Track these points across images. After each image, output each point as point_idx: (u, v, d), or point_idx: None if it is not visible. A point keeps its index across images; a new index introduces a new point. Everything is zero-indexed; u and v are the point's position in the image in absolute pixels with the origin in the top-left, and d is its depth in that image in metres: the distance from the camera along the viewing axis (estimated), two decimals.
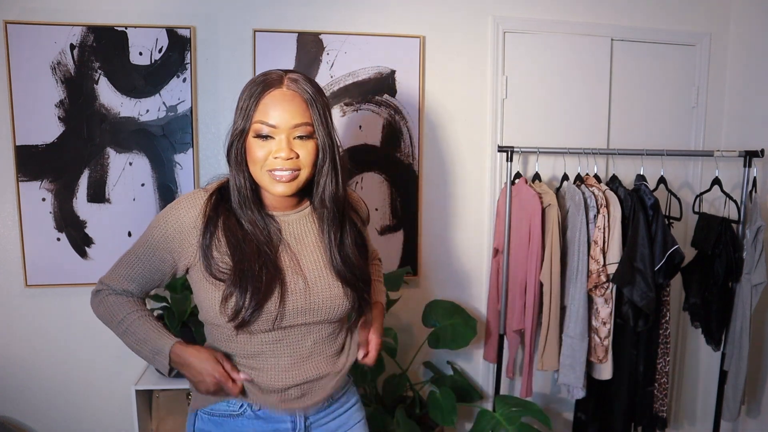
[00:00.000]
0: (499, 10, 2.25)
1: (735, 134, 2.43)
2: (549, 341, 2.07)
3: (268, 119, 1.04)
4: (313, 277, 1.13)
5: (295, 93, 1.06)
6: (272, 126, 1.04)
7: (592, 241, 2.02)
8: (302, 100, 1.06)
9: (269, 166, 1.06)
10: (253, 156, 1.06)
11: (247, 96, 1.08)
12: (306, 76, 1.10)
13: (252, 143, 1.06)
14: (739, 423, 2.42)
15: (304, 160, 1.07)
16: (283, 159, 1.04)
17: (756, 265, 2.07)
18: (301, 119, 1.05)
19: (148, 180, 2.11)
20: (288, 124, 1.04)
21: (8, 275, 2.11)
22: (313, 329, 1.16)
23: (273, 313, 1.08)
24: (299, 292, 1.11)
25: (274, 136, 1.05)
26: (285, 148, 1.04)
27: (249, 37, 2.11)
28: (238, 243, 1.09)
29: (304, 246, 1.15)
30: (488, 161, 2.31)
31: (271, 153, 1.05)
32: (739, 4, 2.40)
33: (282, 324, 1.11)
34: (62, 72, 2.01)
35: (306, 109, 1.06)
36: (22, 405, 2.18)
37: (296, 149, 1.06)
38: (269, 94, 1.05)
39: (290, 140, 1.05)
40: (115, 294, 1.19)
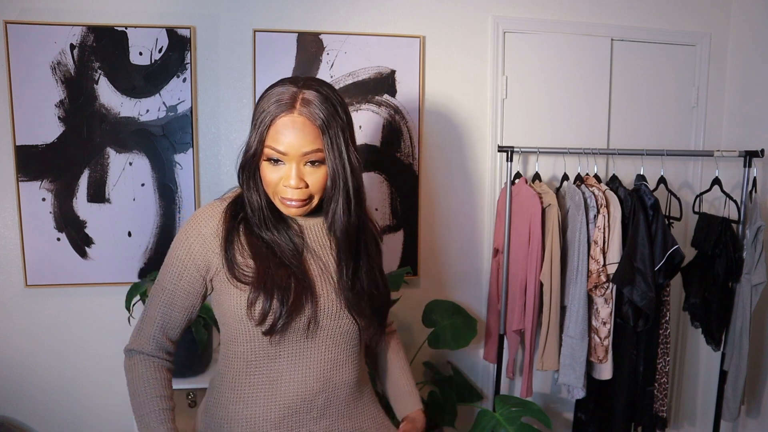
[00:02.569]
0: (499, 10, 2.25)
1: (735, 134, 2.43)
2: (549, 341, 2.07)
3: (278, 146, 1.01)
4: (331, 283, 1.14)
5: (306, 120, 1.01)
6: (282, 153, 1.02)
7: (592, 241, 2.02)
8: (314, 127, 1.01)
9: (280, 193, 1.05)
10: (265, 179, 1.05)
11: (260, 113, 1.03)
12: (323, 92, 1.03)
13: (264, 166, 1.05)
14: (739, 423, 2.42)
15: (314, 188, 1.05)
16: (292, 188, 1.03)
17: (756, 265, 2.07)
18: (310, 147, 1.01)
19: (148, 180, 2.11)
20: (297, 152, 1.01)
21: (8, 275, 2.11)
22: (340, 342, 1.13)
23: (305, 318, 1.06)
24: (329, 289, 1.11)
25: (285, 162, 1.03)
26: (294, 177, 1.02)
27: (249, 37, 2.11)
28: (260, 248, 1.08)
29: (322, 246, 1.14)
30: (488, 161, 2.31)
31: (282, 180, 1.04)
32: (739, 4, 2.40)
33: (316, 332, 1.09)
34: (62, 72, 2.01)
35: (317, 136, 1.01)
36: (22, 405, 2.18)
37: (306, 177, 1.04)
38: (280, 119, 1.01)
39: (300, 167, 1.03)
40: (147, 359, 1.12)
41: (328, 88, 1.06)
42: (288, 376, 1.09)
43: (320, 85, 1.05)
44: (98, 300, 2.15)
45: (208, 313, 2.05)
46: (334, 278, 1.11)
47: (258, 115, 1.04)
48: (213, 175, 2.17)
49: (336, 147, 1.03)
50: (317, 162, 1.03)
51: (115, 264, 2.13)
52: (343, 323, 1.11)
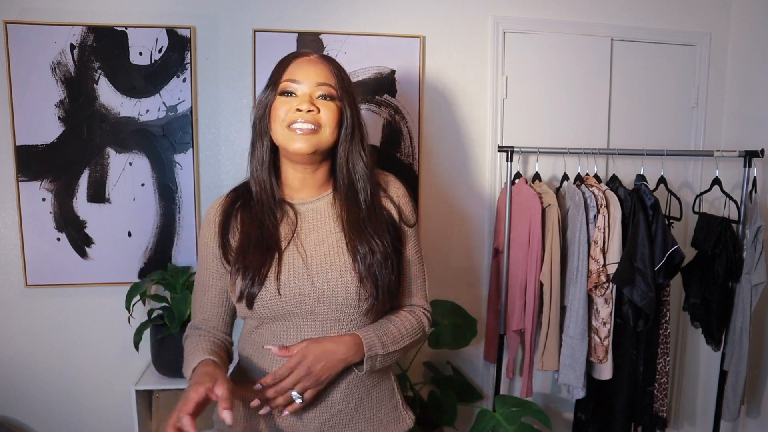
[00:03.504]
0: (499, 10, 2.25)
1: (735, 134, 2.43)
2: (549, 341, 2.06)
3: (293, 76, 1.08)
4: (321, 262, 1.08)
5: (321, 60, 1.11)
6: (295, 82, 1.08)
7: (592, 241, 2.02)
8: (328, 67, 1.10)
9: (289, 119, 1.07)
10: (275, 114, 1.08)
11: (277, 67, 1.12)
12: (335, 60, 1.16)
13: (276, 103, 1.09)
14: (739, 423, 2.42)
15: (324, 117, 1.08)
16: (303, 111, 1.06)
17: (756, 265, 2.07)
18: (324, 80, 1.08)
19: (148, 180, 2.11)
20: (312, 81, 1.08)
21: (8, 275, 2.11)
22: (324, 323, 1.09)
23: (270, 291, 1.06)
24: (298, 272, 1.07)
25: (297, 93, 1.08)
26: (306, 102, 1.06)
27: (249, 37, 2.11)
28: (247, 229, 1.11)
29: (318, 232, 1.12)
30: (488, 161, 2.31)
31: (293, 107, 1.07)
32: (739, 4, 2.40)
33: (284, 308, 1.07)
34: (62, 72, 2.01)
35: (330, 74, 1.10)
36: (22, 405, 2.18)
37: (318, 105, 1.08)
38: (297, 60, 1.11)
39: (313, 97, 1.08)
40: (198, 332, 1.19)
41: None
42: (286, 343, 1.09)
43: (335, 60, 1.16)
44: (98, 300, 2.15)
45: None
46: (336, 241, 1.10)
47: (273, 72, 1.12)
48: (213, 175, 2.17)
49: (348, 93, 1.11)
50: (328, 97, 1.08)
51: (115, 264, 2.13)
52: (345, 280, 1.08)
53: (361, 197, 1.13)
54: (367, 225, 1.10)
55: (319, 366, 1.03)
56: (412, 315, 1.17)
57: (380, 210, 1.14)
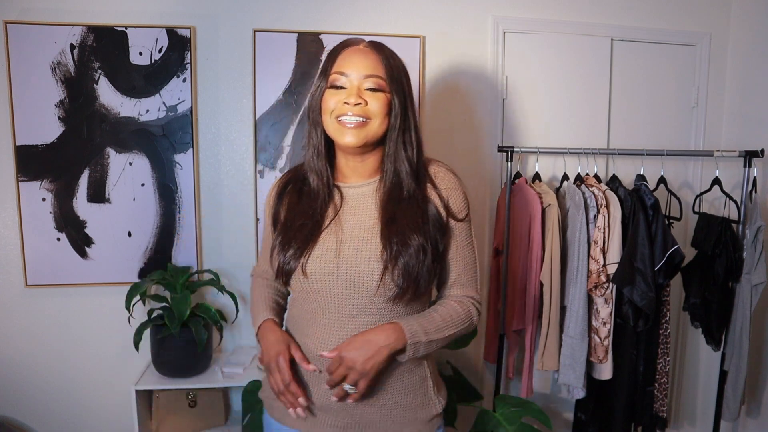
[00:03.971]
0: (499, 10, 2.25)
1: (735, 134, 2.43)
2: (549, 341, 2.06)
3: (341, 68, 1.10)
4: (353, 246, 1.10)
5: (370, 50, 1.11)
6: (344, 74, 1.09)
7: (592, 241, 2.02)
8: (376, 57, 1.10)
9: (338, 112, 1.09)
10: (326, 106, 1.11)
11: (327, 57, 1.14)
12: (387, 46, 1.15)
13: (326, 95, 1.11)
14: (739, 423, 2.42)
15: (373, 110, 1.09)
16: (351, 105, 1.07)
17: (756, 265, 2.07)
18: (372, 71, 1.09)
19: (148, 180, 2.11)
20: (359, 74, 1.09)
21: (8, 275, 2.11)
22: (351, 308, 1.11)
23: (298, 263, 1.11)
24: (328, 254, 1.11)
25: (345, 86, 1.09)
26: (353, 94, 1.08)
27: (249, 37, 2.11)
28: (293, 209, 1.18)
29: (357, 217, 1.14)
30: (488, 161, 2.31)
31: (341, 100, 1.08)
32: (739, 4, 2.39)
33: (311, 286, 1.12)
34: (62, 72, 2.01)
35: (379, 64, 1.10)
36: (22, 405, 2.18)
37: (366, 98, 1.09)
38: (346, 50, 1.12)
39: (361, 89, 1.09)
40: (257, 277, 1.36)
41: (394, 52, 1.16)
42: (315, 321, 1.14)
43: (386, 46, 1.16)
44: (98, 300, 2.15)
45: (207, 313, 2.05)
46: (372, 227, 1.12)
47: (324, 62, 1.15)
48: (213, 175, 2.17)
49: (397, 82, 1.11)
50: (376, 89, 1.09)
51: (115, 264, 2.13)
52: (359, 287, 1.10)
53: (405, 187, 1.13)
54: (405, 215, 1.10)
55: (361, 358, 1.05)
56: (460, 305, 1.17)
57: (424, 202, 1.13)
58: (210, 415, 2.17)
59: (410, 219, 1.10)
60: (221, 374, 2.05)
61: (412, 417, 1.17)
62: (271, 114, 2.14)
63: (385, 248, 1.08)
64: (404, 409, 1.17)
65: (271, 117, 2.14)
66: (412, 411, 1.18)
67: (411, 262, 1.07)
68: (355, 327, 1.12)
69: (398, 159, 1.13)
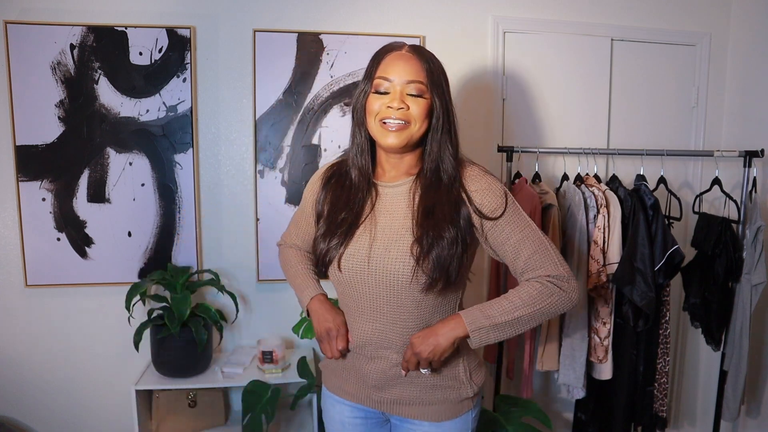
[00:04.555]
0: (499, 10, 2.25)
1: (735, 134, 2.43)
2: (549, 341, 2.06)
3: (385, 73, 1.17)
4: (384, 243, 1.18)
5: (411, 55, 1.18)
6: (387, 80, 1.16)
7: (592, 241, 2.02)
8: (418, 62, 1.17)
9: (381, 115, 1.16)
10: (369, 108, 1.18)
11: (372, 61, 1.21)
12: (427, 49, 1.22)
13: (371, 98, 1.19)
14: (739, 423, 2.42)
15: (414, 114, 1.16)
16: (394, 109, 1.15)
17: (756, 265, 2.07)
18: (414, 77, 1.16)
19: (148, 180, 2.11)
20: (402, 80, 1.16)
21: (8, 275, 2.11)
22: (383, 305, 1.19)
23: (335, 264, 1.21)
24: (361, 250, 1.19)
25: (389, 90, 1.16)
26: (396, 99, 1.15)
27: (249, 37, 2.11)
28: (336, 202, 1.26)
29: (391, 214, 1.21)
30: (488, 161, 2.31)
31: (385, 104, 1.16)
32: (739, 4, 2.40)
33: (344, 281, 1.21)
34: (62, 72, 2.01)
35: (420, 70, 1.16)
36: (22, 405, 2.18)
37: (408, 103, 1.16)
38: (389, 54, 1.19)
39: (403, 94, 1.16)
40: (288, 247, 1.45)
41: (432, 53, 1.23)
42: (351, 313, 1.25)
43: (426, 49, 1.23)
44: (98, 300, 2.15)
45: (207, 313, 2.05)
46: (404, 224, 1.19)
47: (369, 63, 1.22)
48: (213, 175, 2.17)
49: (437, 86, 1.18)
50: (417, 95, 1.16)
51: (115, 264, 2.13)
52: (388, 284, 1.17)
53: (443, 183, 1.19)
54: (441, 209, 1.16)
55: (425, 347, 1.16)
56: (532, 285, 1.18)
57: (458, 201, 1.18)
58: (210, 415, 2.17)
59: (446, 212, 1.16)
60: (221, 374, 2.05)
61: (441, 397, 1.25)
62: (271, 114, 2.14)
63: (419, 240, 1.15)
64: (434, 389, 1.25)
65: (271, 117, 2.14)
66: (442, 391, 1.25)
67: (443, 253, 1.14)
68: (389, 320, 1.20)
69: (438, 158, 1.20)
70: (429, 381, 1.24)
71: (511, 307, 1.16)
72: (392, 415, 1.30)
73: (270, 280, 2.21)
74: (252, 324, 2.27)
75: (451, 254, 1.14)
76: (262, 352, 2.07)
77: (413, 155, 1.23)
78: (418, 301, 1.18)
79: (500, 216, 1.18)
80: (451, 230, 1.15)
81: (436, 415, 1.26)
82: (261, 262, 2.20)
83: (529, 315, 1.16)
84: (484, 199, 1.18)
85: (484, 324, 1.15)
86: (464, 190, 1.19)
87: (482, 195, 1.18)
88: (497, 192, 1.19)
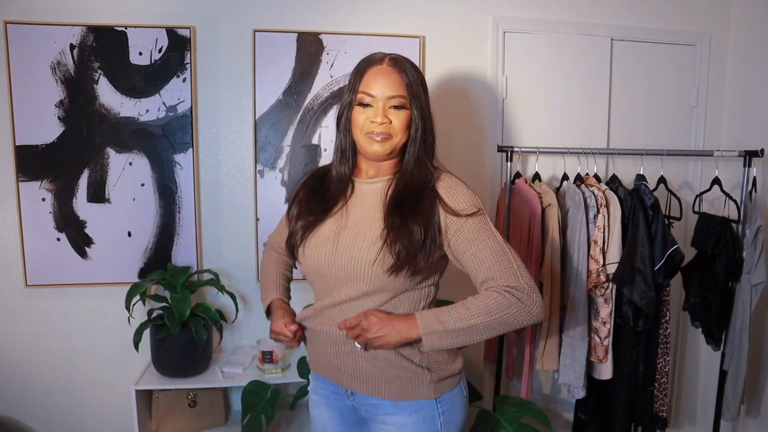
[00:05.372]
0: (499, 10, 2.25)
1: (735, 134, 2.43)
2: (549, 341, 2.06)
3: (368, 89, 1.23)
4: (351, 233, 1.23)
5: (392, 69, 1.24)
6: (371, 95, 1.23)
7: (592, 241, 2.02)
8: (398, 76, 1.23)
9: (366, 129, 1.23)
10: (355, 121, 1.25)
11: (354, 74, 1.27)
12: (406, 58, 1.28)
13: (355, 111, 1.25)
14: (739, 423, 2.42)
15: (396, 126, 1.23)
16: (377, 123, 1.22)
17: (756, 264, 2.07)
18: (395, 92, 1.23)
19: (148, 180, 2.11)
20: (384, 95, 1.22)
21: (8, 275, 2.11)
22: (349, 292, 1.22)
23: (301, 250, 1.28)
24: (327, 238, 1.25)
25: (373, 104, 1.23)
26: (380, 114, 1.22)
27: (249, 37, 2.11)
28: (315, 191, 1.34)
29: (363, 207, 1.27)
30: (488, 161, 2.31)
31: (369, 118, 1.23)
32: (739, 4, 2.40)
33: (310, 267, 1.27)
34: (62, 72, 2.01)
35: (400, 84, 1.23)
36: (22, 405, 2.18)
37: (390, 116, 1.23)
38: (371, 69, 1.25)
39: (386, 109, 1.23)
40: (271, 249, 1.56)
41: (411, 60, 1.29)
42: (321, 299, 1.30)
43: (405, 57, 1.28)
44: (98, 300, 2.15)
45: (207, 313, 2.05)
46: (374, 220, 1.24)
47: (352, 74, 1.28)
48: (213, 175, 2.17)
49: (416, 97, 1.24)
50: (399, 107, 1.23)
51: (115, 264, 2.13)
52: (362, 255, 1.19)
53: (415, 185, 1.24)
54: (411, 207, 1.21)
55: (375, 327, 1.18)
56: (488, 293, 1.17)
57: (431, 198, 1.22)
58: (210, 415, 2.17)
59: (415, 211, 1.20)
60: (221, 374, 2.05)
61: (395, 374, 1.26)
62: (271, 114, 2.14)
63: (388, 227, 1.19)
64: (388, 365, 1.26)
65: (271, 117, 2.14)
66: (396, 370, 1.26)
67: (412, 240, 1.18)
68: (357, 309, 1.23)
69: (416, 162, 1.26)
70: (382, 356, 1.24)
71: (467, 314, 1.15)
72: (358, 402, 1.32)
73: None
74: (252, 324, 2.27)
75: (419, 243, 1.18)
76: (262, 352, 2.07)
77: (393, 161, 1.30)
78: (382, 288, 1.21)
79: (467, 216, 1.19)
80: (419, 226, 1.18)
81: (391, 392, 1.27)
82: (261, 262, 2.19)
83: (484, 324, 1.15)
84: (455, 200, 1.21)
85: (437, 329, 1.15)
86: (437, 191, 1.23)
87: (454, 197, 1.21)
88: (468, 198, 1.22)
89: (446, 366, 1.29)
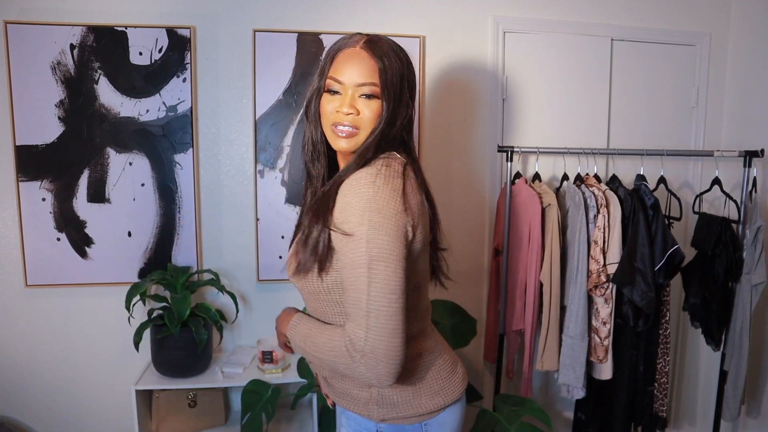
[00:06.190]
0: (499, 10, 2.25)
1: (735, 134, 2.43)
2: (549, 341, 2.06)
3: (337, 74, 1.08)
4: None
5: (366, 54, 1.07)
6: (339, 82, 1.07)
7: (592, 241, 2.02)
8: (371, 61, 1.06)
9: (332, 119, 1.08)
10: (323, 110, 1.10)
11: (325, 56, 1.12)
12: (388, 41, 1.10)
13: (323, 98, 1.10)
14: (739, 423, 2.42)
15: (365, 119, 1.07)
16: (343, 114, 1.07)
17: (756, 265, 2.07)
18: (366, 79, 1.06)
19: (148, 180, 2.11)
20: (353, 82, 1.06)
21: (8, 275, 2.11)
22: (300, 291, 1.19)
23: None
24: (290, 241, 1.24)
25: (341, 92, 1.08)
26: (346, 104, 1.06)
27: (249, 37, 2.11)
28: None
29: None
30: (488, 161, 2.31)
31: (336, 108, 1.08)
32: (739, 4, 2.40)
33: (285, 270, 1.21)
34: (62, 72, 2.01)
35: (374, 70, 1.06)
36: (22, 405, 2.18)
37: (359, 107, 1.07)
38: (343, 51, 1.09)
39: (354, 98, 1.07)
40: None
41: (395, 44, 1.12)
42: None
43: (387, 40, 1.11)
44: (98, 300, 2.15)
45: (207, 313, 2.05)
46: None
47: (323, 56, 1.12)
48: (213, 175, 2.17)
49: (390, 86, 1.07)
50: (371, 96, 1.07)
51: (115, 264, 2.13)
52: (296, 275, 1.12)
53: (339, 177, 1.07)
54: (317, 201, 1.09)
55: (277, 322, 1.24)
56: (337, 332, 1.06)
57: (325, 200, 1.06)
58: (210, 415, 2.17)
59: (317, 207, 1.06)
60: (221, 374, 2.05)
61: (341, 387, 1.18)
62: (271, 114, 2.14)
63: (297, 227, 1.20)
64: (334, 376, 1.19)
65: (271, 117, 2.14)
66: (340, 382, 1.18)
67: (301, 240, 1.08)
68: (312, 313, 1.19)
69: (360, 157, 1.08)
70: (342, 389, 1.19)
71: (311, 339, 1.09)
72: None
73: (270, 280, 2.21)
74: (252, 324, 2.27)
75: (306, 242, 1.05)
76: (262, 352, 2.07)
77: None
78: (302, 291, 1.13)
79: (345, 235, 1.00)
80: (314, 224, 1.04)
81: (338, 398, 1.19)
82: (261, 262, 2.20)
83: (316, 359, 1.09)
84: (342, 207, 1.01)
85: (292, 335, 1.16)
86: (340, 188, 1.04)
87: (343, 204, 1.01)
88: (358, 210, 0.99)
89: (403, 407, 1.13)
